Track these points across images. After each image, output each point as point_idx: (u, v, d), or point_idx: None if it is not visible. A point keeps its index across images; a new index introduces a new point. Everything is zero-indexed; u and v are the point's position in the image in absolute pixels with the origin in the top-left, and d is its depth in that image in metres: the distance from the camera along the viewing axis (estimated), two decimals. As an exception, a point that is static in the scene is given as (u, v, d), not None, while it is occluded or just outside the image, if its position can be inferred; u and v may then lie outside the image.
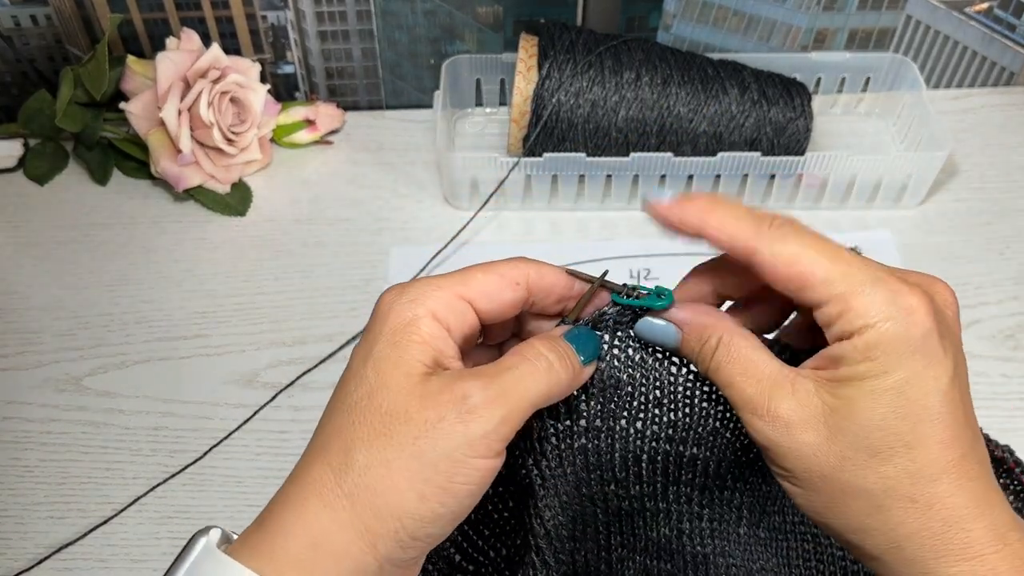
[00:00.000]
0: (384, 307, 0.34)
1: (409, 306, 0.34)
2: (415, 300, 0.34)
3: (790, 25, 0.77)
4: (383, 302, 0.35)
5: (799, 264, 0.31)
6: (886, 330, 0.30)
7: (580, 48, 0.66)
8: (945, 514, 0.30)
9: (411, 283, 0.35)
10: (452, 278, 0.35)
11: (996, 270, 0.67)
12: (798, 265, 0.31)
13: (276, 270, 0.68)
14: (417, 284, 0.35)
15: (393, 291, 0.35)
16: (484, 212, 0.70)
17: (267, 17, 0.75)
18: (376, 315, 0.35)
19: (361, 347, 0.34)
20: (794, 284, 0.32)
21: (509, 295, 0.36)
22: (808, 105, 0.68)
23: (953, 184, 0.74)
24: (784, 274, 0.32)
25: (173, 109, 0.67)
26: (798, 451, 0.32)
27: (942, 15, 0.77)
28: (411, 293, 0.34)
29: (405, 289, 0.35)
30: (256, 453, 0.58)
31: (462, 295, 0.35)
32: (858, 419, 0.31)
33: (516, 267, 0.37)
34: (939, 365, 0.30)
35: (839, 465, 0.31)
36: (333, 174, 0.75)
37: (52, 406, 0.61)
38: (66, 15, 0.74)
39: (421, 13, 0.75)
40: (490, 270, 0.36)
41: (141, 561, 0.54)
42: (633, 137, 0.67)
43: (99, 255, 0.70)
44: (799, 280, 0.31)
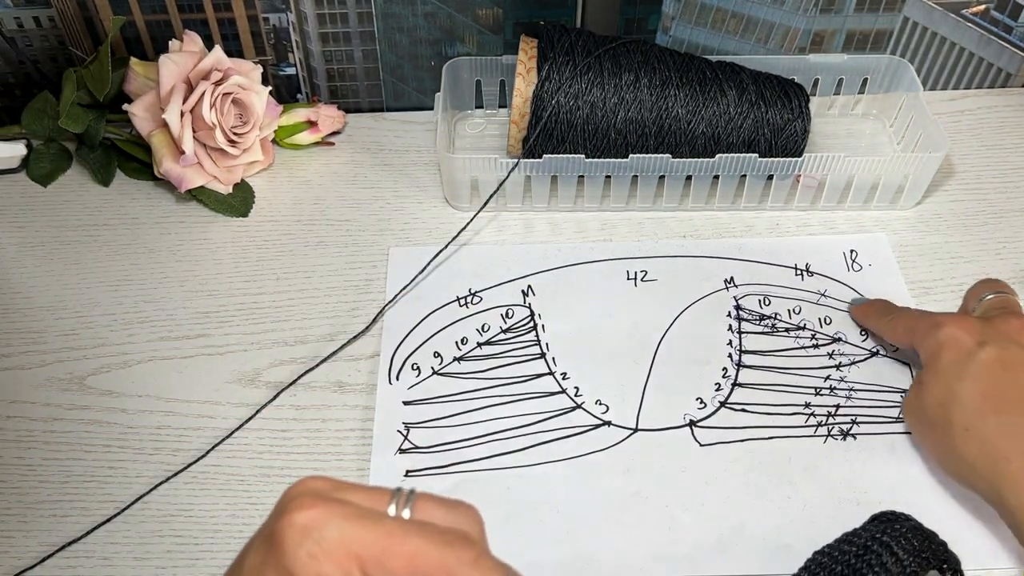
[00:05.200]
0: (286, 537, 0.30)
1: (305, 560, 0.30)
2: (314, 555, 0.30)
3: (788, 27, 0.78)
4: (287, 526, 0.30)
5: (901, 338, 0.58)
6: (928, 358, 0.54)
7: (579, 50, 0.66)
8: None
9: (326, 519, 0.30)
10: (374, 540, 0.30)
11: (993, 271, 0.68)
12: (901, 338, 0.58)
13: (278, 270, 0.69)
14: (330, 528, 0.30)
15: (302, 516, 0.30)
16: (484, 213, 0.71)
17: (269, 19, 0.76)
18: (275, 540, 0.31)
19: (252, 566, 0.31)
20: (902, 342, 0.59)
21: None
22: (806, 106, 0.68)
23: (950, 185, 0.74)
24: (896, 341, 0.60)
25: (176, 110, 0.67)
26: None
27: (939, 17, 0.77)
28: (316, 542, 0.30)
29: (312, 531, 0.30)
30: (258, 452, 0.59)
31: (367, 572, 0.30)
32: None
33: (447, 573, 0.30)
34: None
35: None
36: (334, 175, 0.76)
37: (55, 405, 0.61)
38: (69, 17, 0.74)
39: (422, 15, 0.76)
40: (414, 563, 0.30)
41: (144, 559, 0.54)
42: (632, 138, 0.67)
43: (102, 255, 0.70)
44: (904, 344, 0.59)
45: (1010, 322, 0.52)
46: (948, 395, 0.50)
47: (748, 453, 0.57)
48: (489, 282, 0.67)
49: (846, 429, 0.59)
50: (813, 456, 0.57)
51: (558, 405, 0.60)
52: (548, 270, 0.68)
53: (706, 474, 0.56)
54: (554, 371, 0.62)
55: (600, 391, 0.61)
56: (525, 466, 0.57)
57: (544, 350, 0.63)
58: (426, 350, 0.63)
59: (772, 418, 0.59)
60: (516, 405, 0.60)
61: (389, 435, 0.58)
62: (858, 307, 0.64)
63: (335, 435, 0.59)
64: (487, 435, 0.59)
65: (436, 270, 0.68)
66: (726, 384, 0.61)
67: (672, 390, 0.61)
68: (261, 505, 0.56)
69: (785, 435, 0.58)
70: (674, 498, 0.55)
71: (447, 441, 0.58)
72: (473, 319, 0.65)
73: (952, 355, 0.51)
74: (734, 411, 0.60)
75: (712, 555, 0.53)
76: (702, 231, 0.71)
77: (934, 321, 0.53)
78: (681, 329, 0.64)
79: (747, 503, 0.55)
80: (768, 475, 0.56)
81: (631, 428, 0.59)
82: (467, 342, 0.63)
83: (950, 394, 0.50)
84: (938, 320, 0.53)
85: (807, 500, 0.55)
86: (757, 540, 0.53)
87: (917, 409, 0.54)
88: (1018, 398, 0.49)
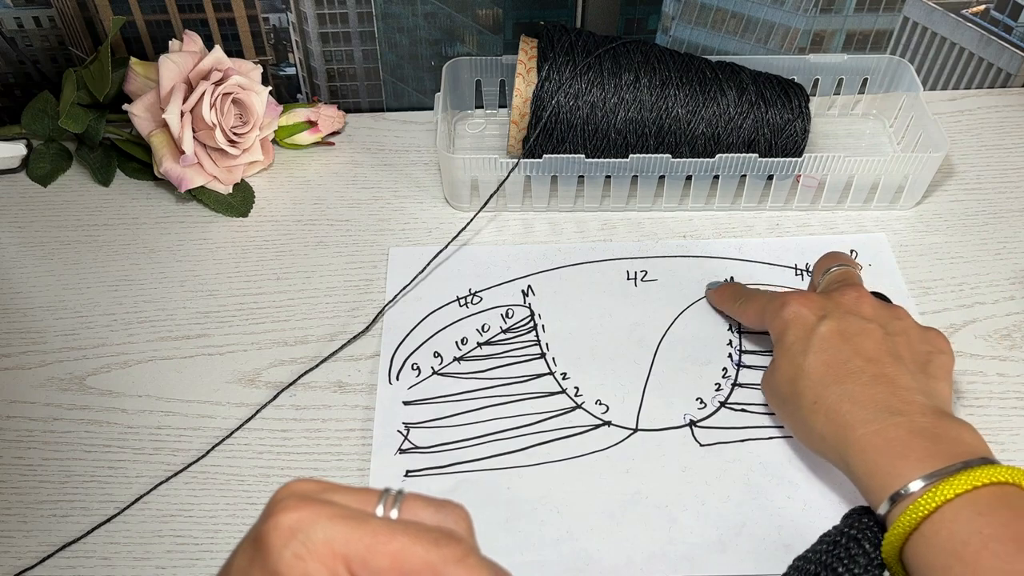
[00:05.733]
0: (272, 539, 0.30)
1: (291, 561, 0.30)
2: (300, 556, 0.30)
3: (788, 27, 0.78)
4: (274, 528, 0.31)
5: (753, 320, 0.60)
6: (777, 336, 0.56)
7: (579, 50, 0.66)
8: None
9: (311, 520, 0.30)
10: (359, 540, 0.30)
11: (992, 270, 0.68)
12: (753, 320, 0.60)
13: (278, 270, 0.69)
14: (316, 529, 0.30)
15: (289, 517, 0.31)
16: (484, 213, 0.71)
17: (269, 19, 0.76)
18: (261, 541, 0.31)
19: (239, 568, 0.31)
20: (754, 324, 0.60)
21: None
22: (806, 106, 0.68)
23: (950, 185, 0.74)
24: (749, 323, 0.61)
25: (176, 110, 0.67)
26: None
27: (939, 17, 0.77)
28: (301, 543, 0.30)
29: (298, 532, 0.30)
30: (258, 452, 0.59)
31: (353, 572, 0.30)
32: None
33: (433, 571, 0.30)
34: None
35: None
36: (334, 175, 0.76)
37: (55, 405, 0.61)
38: (69, 17, 0.74)
39: (422, 15, 0.76)
40: (400, 562, 0.30)
41: (144, 559, 0.54)
42: (632, 138, 0.67)
43: (102, 255, 0.70)
44: (756, 325, 0.60)
45: (847, 293, 0.55)
46: (795, 371, 0.52)
47: (748, 453, 0.57)
48: (489, 282, 0.67)
49: (846, 429, 0.59)
50: (813, 456, 0.57)
51: (558, 405, 0.60)
52: (548, 270, 0.68)
53: (706, 474, 0.56)
54: (554, 371, 0.62)
55: (600, 391, 0.61)
56: (525, 466, 0.57)
57: (544, 350, 0.63)
58: (426, 350, 0.63)
59: (772, 418, 0.59)
60: (516, 405, 0.60)
61: (389, 435, 0.58)
62: (713, 291, 0.65)
63: (335, 435, 0.59)
64: (487, 435, 0.59)
65: (436, 270, 0.68)
66: (726, 384, 0.61)
67: (672, 390, 0.61)
68: (261, 505, 0.56)
69: (785, 435, 0.58)
70: (674, 498, 0.55)
71: (447, 441, 0.58)
72: (473, 319, 0.65)
73: (797, 332, 0.53)
74: (734, 411, 0.60)
75: (712, 555, 0.53)
76: (702, 231, 0.71)
77: (781, 301, 0.55)
78: (681, 329, 0.64)
79: (747, 503, 0.55)
80: (768, 475, 0.56)
81: (631, 428, 0.59)
82: (467, 342, 0.63)
83: (797, 369, 0.52)
84: (784, 300, 0.55)
85: (807, 500, 0.55)
86: (757, 540, 0.53)
87: (772, 386, 0.55)
88: (857, 367, 0.51)
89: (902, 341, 0.52)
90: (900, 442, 0.47)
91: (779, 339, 0.55)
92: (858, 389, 0.50)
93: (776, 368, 0.55)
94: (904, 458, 0.46)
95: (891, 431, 0.47)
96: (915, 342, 0.53)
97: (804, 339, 0.53)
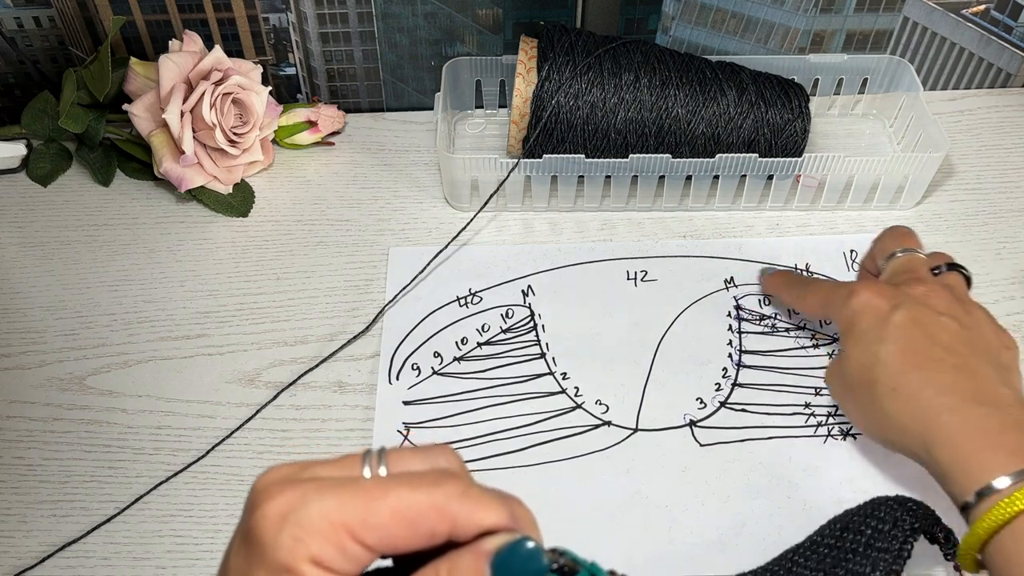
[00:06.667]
0: (263, 529, 0.29)
1: (291, 545, 0.29)
2: (298, 538, 0.29)
3: (788, 27, 0.78)
4: (262, 519, 0.29)
5: (814, 310, 0.59)
6: (846, 326, 0.54)
7: (579, 50, 0.66)
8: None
9: (300, 500, 0.29)
10: (354, 504, 0.29)
11: (993, 271, 0.68)
12: (814, 310, 0.59)
13: (278, 270, 0.69)
14: (307, 507, 0.29)
15: (275, 504, 0.30)
16: (484, 212, 0.71)
17: (269, 19, 0.76)
18: (252, 536, 0.30)
19: (237, 569, 0.30)
20: (816, 314, 0.62)
21: (419, 543, 0.30)
22: (806, 106, 0.68)
23: (950, 185, 0.74)
24: (809, 313, 0.62)
25: (176, 110, 0.67)
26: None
27: (939, 17, 0.77)
28: (295, 524, 0.29)
29: (289, 515, 0.29)
30: (258, 452, 0.59)
31: (359, 538, 0.29)
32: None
33: (440, 511, 0.29)
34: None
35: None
36: (334, 175, 0.76)
37: (55, 405, 0.61)
38: (69, 17, 0.74)
39: (422, 15, 0.76)
40: (402, 513, 0.29)
41: (143, 559, 0.54)
42: (632, 138, 0.67)
43: (102, 255, 0.70)
44: (817, 315, 0.62)
45: (916, 288, 0.53)
46: (870, 358, 0.51)
47: (748, 453, 0.57)
48: (489, 282, 0.67)
49: (846, 429, 0.59)
50: (813, 456, 0.57)
51: (558, 405, 0.60)
52: (548, 270, 0.68)
53: (706, 474, 0.56)
54: (554, 371, 0.62)
55: (600, 391, 0.61)
56: (525, 466, 0.57)
57: (544, 350, 0.63)
58: (426, 350, 0.63)
59: (772, 418, 0.59)
60: (516, 405, 0.60)
61: (389, 435, 0.58)
62: (769, 277, 0.64)
63: (335, 435, 0.59)
64: (487, 435, 0.59)
65: (436, 270, 0.68)
66: (726, 384, 0.61)
67: (672, 390, 0.61)
68: (261, 505, 0.56)
69: (785, 435, 0.58)
70: (674, 498, 0.55)
71: (447, 441, 0.58)
72: (473, 319, 0.65)
73: (869, 320, 0.52)
74: (734, 411, 0.60)
75: (712, 555, 0.53)
76: (702, 231, 0.71)
77: (848, 290, 0.54)
78: (681, 329, 0.64)
79: (747, 503, 0.55)
80: (768, 475, 0.56)
81: (631, 428, 0.59)
82: (467, 342, 0.63)
83: (872, 357, 0.51)
84: (852, 289, 0.54)
85: (807, 500, 0.55)
86: (757, 540, 0.53)
87: (841, 376, 0.54)
88: (936, 355, 0.50)
89: (977, 334, 0.51)
90: (992, 434, 0.46)
91: (849, 328, 0.53)
92: (941, 376, 0.48)
93: (846, 357, 0.53)
94: (995, 450, 0.45)
95: (980, 420, 0.46)
96: (988, 336, 0.52)
97: (878, 327, 0.51)
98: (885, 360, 0.50)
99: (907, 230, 0.59)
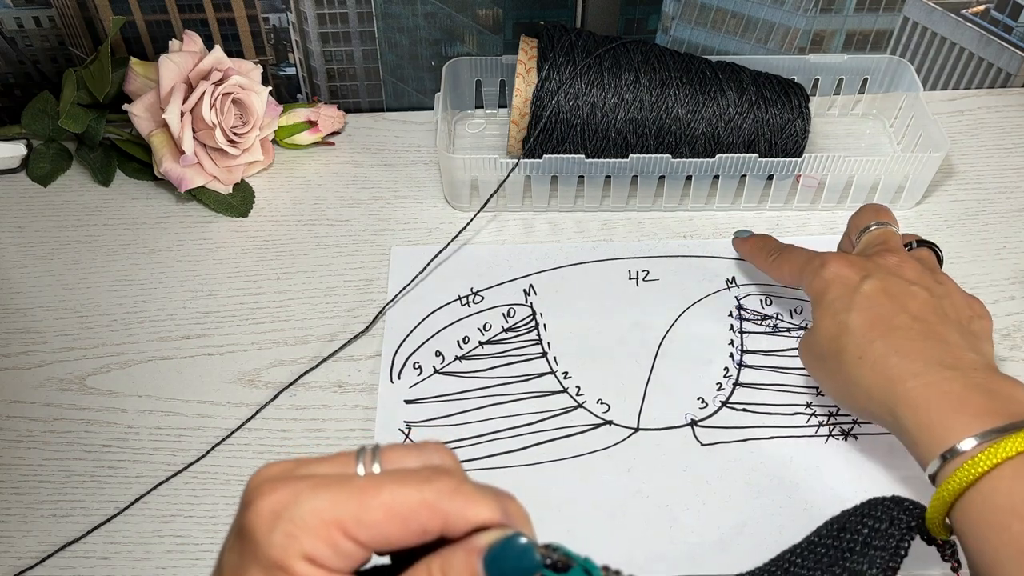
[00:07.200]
0: (256, 526, 0.29)
1: (283, 542, 0.29)
2: (291, 535, 0.29)
3: (788, 27, 0.78)
4: (255, 516, 0.29)
5: (787, 278, 0.59)
6: (816, 295, 0.55)
7: (579, 50, 0.66)
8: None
9: (292, 497, 0.29)
10: (347, 502, 0.29)
11: (992, 270, 0.68)
12: (787, 278, 0.59)
13: (278, 270, 0.69)
14: (300, 504, 0.29)
15: (268, 501, 0.29)
16: (484, 212, 0.71)
17: (269, 19, 0.76)
18: (246, 533, 0.30)
19: (231, 565, 0.31)
20: (788, 282, 0.60)
21: (412, 539, 0.30)
22: (806, 106, 0.68)
23: (950, 185, 0.74)
24: (781, 280, 0.61)
25: (176, 110, 0.67)
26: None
27: (939, 17, 0.77)
28: (288, 521, 0.29)
29: (282, 512, 0.29)
30: (258, 452, 0.59)
31: (351, 535, 0.29)
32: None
33: (432, 508, 0.29)
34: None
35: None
36: (334, 175, 0.76)
37: (55, 405, 0.61)
38: (69, 17, 0.74)
39: (422, 15, 0.76)
40: (394, 510, 0.29)
41: (143, 559, 0.54)
42: (632, 138, 0.67)
43: (102, 255, 0.70)
44: (790, 283, 0.60)
45: (888, 258, 0.54)
46: (838, 327, 0.51)
47: (749, 453, 0.57)
48: (490, 281, 0.67)
49: (847, 429, 0.59)
50: (814, 456, 0.57)
51: (559, 404, 0.60)
52: (549, 269, 0.68)
53: (707, 474, 0.56)
54: (555, 370, 0.62)
55: (601, 390, 0.61)
56: (526, 465, 0.57)
57: (545, 349, 0.63)
58: (428, 349, 0.63)
59: (773, 418, 0.59)
60: (517, 404, 0.60)
61: (390, 433, 0.58)
62: (743, 241, 0.65)
63: (335, 435, 0.59)
64: (488, 434, 0.59)
65: (438, 269, 0.68)
66: (727, 384, 0.61)
67: (673, 389, 0.61)
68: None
69: (786, 435, 0.58)
70: (675, 498, 0.55)
71: (448, 440, 0.58)
72: (475, 318, 0.65)
73: (838, 290, 0.52)
74: (735, 411, 0.60)
75: (713, 555, 0.53)
76: (702, 231, 0.71)
77: (820, 260, 0.55)
78: (683, 329, 0.64)
79: (748, 503, 0.55)
80: (769, 475, 0.56)
81: (632, 427, 0.59)
82: (468, 341, 0.63)
83: (840, 326, 0.51)
84: (824, 259, 0.54)
85: (808, 500, 0.55)
86: (758, 540, 0.53)
87: (811, 346, 0.54)
88: (903, 322, 0.50)
89: (947, 303, 0.52)
90: (955, 396, 0.45)
91: (819, 298, 0.54)
92: (906, 343, 0.49)
93: (816, 328, 0.53)
94: (959, 413, 0.45)
95: (944, 384, 0.46)
96: (959, 305, 0.52)
97: (847, 296, 0.52)
98: (853, 328, 0.51)
99: (881, 206, 0.59)
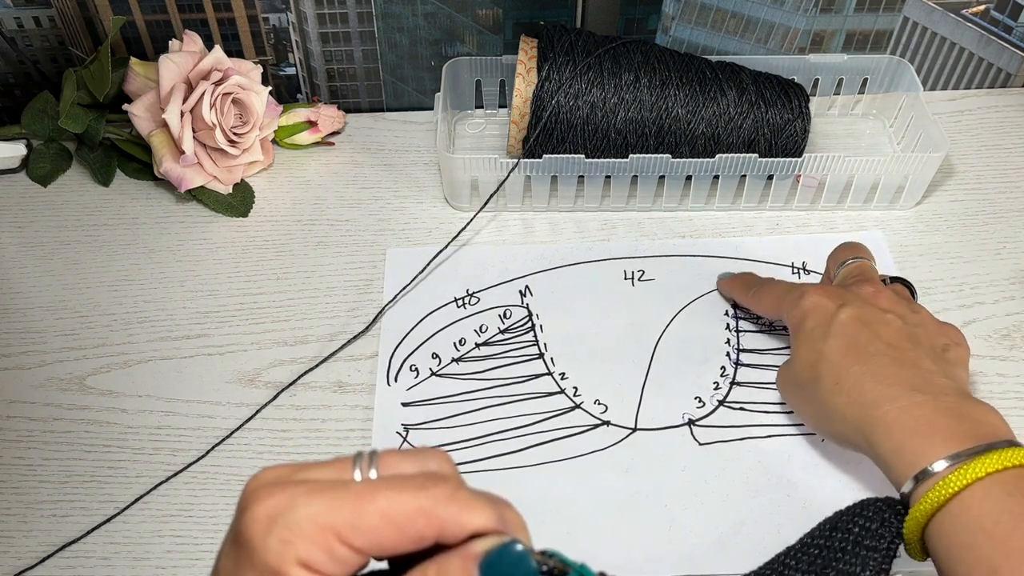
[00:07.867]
0: (252, 531, 0.29)
1: (279, 548, 0.29)
2: (286, 540, 0.29)
3: (788, 27, 0.78)
4: (251, 521, 0.29)
5: (768, 310, 0.61)
6: (795, 325, 0.56)
7: (579, 50, 0.66)
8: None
9: (288, 503, 0.29)
10: (342, 507, 0.29)
11: (992, 270, 0.68)
12: (768, 310, 0.61)
13: (278, 270, 0.69)
14: (295, 510, 0.29)
15: (264, 506, 0.29)
16: (484, 213, 0.71)
17: (269, 19, 0.76)
18: (242, 538, 0.30)
19: (227, 570, 0.31)
20: (769, 314, 0.62)
21: (407, 546, 0.30)
22: (805, 106, 0.68)
23: (950, 185, 0.74)
24: (764, 313, 0.62)
25: (176, 110, 0.67)
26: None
27: (939, 17, 0.77)
28: (284, 527, 0.29)
29: (277, 517, 0.29)
30: (258, 452, 0.59)
31: (347, 541, 0.29)
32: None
33: (427, 515, 0.29)
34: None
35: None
36: (334, 175, 0.76)
37: (55, 405, 0.61)
38: (69, 17, 0.74)
39: (422, 15, 0.76)
40: (390, 516, 0.29)
41: (143, 559, 0.54)
42: (632, 138, 0.67)
43: (102, 255, 0.70)
44: (771, 315, 0.62)
45: (864, 288, 0.55)
46: (816, 355, 0.53)
47: (747, 452, 0.57)
48: (486, 283, 0.67)
49: (845, 429, 0.59)
50: (812, 454, 0.57)
51: (557, 405, 0.60)
52: (545, 270, 0.68)
53: (705, 473, 0.56)
54: (552, 371, 0.62)
55: (599, 391, 0.61)
56: (524, 466, 0.57)
57: (542, 350, 0.63)
58: (424, 351, 0.63)
59: (771, 416, 0.59)
60: (515, 405, 0.60)
61: (388, 437, 0.58)
62: (724, 280, 0.66)
63: (335, 435, 0.59)
64: (486, 436, 0.59)
65: (434, 271, 0.68)
66: (725, 383, 0.61)
67: (671, 389, 0.61)
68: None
69: (784, 433, 0.58)
70: (673, 497, 0.55)
71: (446, 442, 0.58)
72: (471, 320, 0.65)
73: (816, 319, 0.54)
74: (733, 410, 0.60)
75: (711, 554, 0.53)
76: (702, 231, 0.71)
77: (799, 292, 0.56)
78: (679, 328, 0.64)
79: (746, 502, 0.55)
80: (767, 474, 0.56)
81: (630, 428, 0.59)
82: (465, 343, 0.63)
83: (817, 354, 0.52)
84: (802, 290, 0.56)
85: (807, 499, 0.55)
86: (756, 539, 0.53)
87: (789, 375, 0.56)
88: (878, 349, 0.51)
89: (921, 331, 0.53)
90: (926, 420, 0.46)
91: (798, 328, 0.55)
92: (881, 369, 0.50)
93: (794, 357, 0.55)
94: (930, 437, 0.46)
95: (916, 409, 0.47)
96: (933, 333, 0.53)
97: (824, 325, 0.53)
98: (829, 356, 0.52)
99: (858, 243, 0.61)
